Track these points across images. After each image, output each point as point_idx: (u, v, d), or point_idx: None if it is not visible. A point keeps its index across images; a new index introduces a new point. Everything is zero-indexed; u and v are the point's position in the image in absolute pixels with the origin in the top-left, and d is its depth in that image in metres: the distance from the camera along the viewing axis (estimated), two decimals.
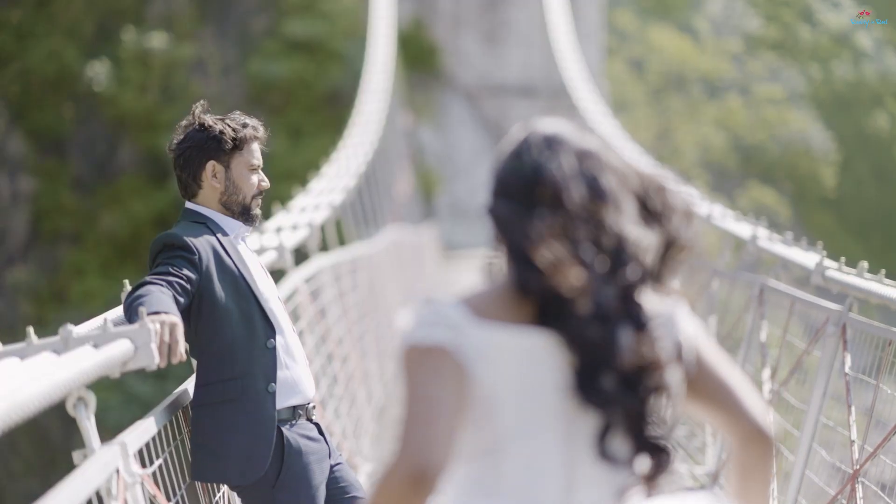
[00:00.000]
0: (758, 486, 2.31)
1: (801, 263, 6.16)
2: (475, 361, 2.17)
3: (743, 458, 2.29)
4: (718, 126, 45.74)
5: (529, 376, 2.19)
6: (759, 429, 2.26)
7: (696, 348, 2.27)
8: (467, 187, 37.22)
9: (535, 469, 2.20)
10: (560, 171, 2.22)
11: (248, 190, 4.11)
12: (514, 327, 2.19)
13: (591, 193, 2.21)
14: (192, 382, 3.96)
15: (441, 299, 2.23)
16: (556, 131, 2.30)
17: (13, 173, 32.12)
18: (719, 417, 2.28)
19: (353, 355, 9.23)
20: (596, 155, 2.26)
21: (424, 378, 2.14)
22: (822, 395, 5.47)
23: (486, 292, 2.26)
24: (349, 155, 14.23)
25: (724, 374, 2.28)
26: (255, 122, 4.21)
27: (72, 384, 2.81)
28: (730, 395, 2.27)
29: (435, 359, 2.15)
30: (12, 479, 25.92)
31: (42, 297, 30.65)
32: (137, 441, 3.16)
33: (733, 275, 7.67)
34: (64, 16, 33.04)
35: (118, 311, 3.65)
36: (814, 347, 5.73)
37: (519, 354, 2.19)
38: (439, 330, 2.18)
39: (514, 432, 2.20)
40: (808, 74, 49.00)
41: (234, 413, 3.87)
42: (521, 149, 2.30)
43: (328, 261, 8.86)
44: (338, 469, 4.11)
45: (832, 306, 5.54)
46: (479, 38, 39.10)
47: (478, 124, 38.70)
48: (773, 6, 50.86)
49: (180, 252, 3.85)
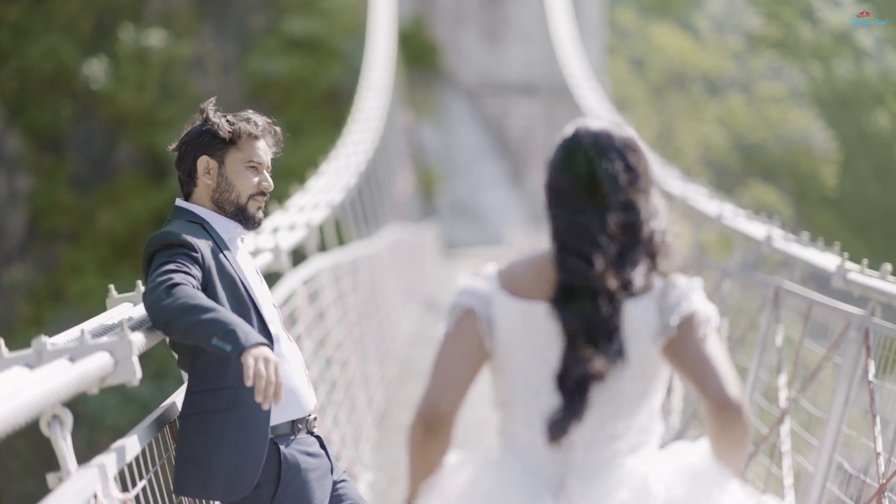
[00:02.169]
0: (727, 447, 2.63)
1: (820, 265, 5.91)
2: (497, 325, 2.66)
3: (712, 424, 2.63)
4: (719, 124, 45.60)
5: (532, 340, 2.65)
6: (722, 400, 2.59)
7: (692, 325, 2.64)
8: (468, 185, 37.05)
9: (535, 423, 2.63)
10: (611, 167, 2.67)
11: (244, 188, 3.85)
12: (522, 300, 2.66)
13: (631, 183, 2.67)
14: (180, 395, 3.70)
15: (485, 272, 2.71)
16: (602, 128, 2.72)
17: (10, 171, 31.97)
18: (694, 387, 2.63)
19: (353, 359, 9.01)
20: (632, 144, 2.72)
21: (451, 338, 2.66)
22: (843, 402, 5.22)
23: (518, 266, 2.70)
24: (349, 153, 14.04)
25: (708, 350, 2.63)
26: (262, 119, 3.95)
27: (45, 401, 2.57)
28: (705, 370, 2.61)
29: (464, 321, 2.67)
30: (11, 479, 25.78)
31: (39, 296, 30.51)
32: (118, 462, 2.91)
33: (746, 276, 7.42)
34: (61, 13, 32.86)
35: (97, 321, 3.39)
36: (833, 353, 5.49)
37: (523, 322, 2.65)
38: (474, 298, 2.68)
39: (522, 385, 2.66)
40: (809, 73, 48.90)
41: (222, 424, 3.62)
42: (572, 145, 2.72)
43: (327, 262, 8.64)
44: (341, 487, 3.85)
45: (854, 310, 5.30)
46: (479, 36, 38.91)
47: (478, 122, 38.52)
48: (773, 5, 50.75)
49: (183, 250, 3.62)
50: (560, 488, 2.62)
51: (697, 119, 45.52)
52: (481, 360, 2.67)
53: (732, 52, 48.29)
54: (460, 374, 2.63)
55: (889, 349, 5.03)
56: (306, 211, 8.55)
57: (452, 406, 2.62)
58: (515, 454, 2.66)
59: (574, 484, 2.61)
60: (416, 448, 2.65)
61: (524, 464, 2.64)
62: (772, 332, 6.44)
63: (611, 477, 2.62)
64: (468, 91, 38.70)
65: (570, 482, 2.62)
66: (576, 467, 2.63)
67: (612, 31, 46.59)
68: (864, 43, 50.04)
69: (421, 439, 2.62)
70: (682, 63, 46.85)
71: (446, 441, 2.64)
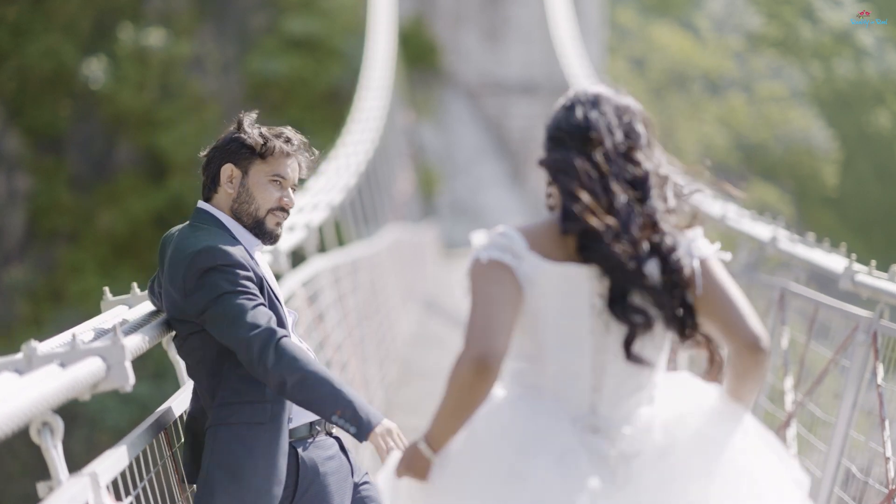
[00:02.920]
0: (747, 387, 2.78)
1: (827, 267, 5.82)
2: (527, 283, 2.74)
3: (736, 364, 2.76)
4: (720, 124, 45.54)
5: (567, 301, 2.75)
6: (752, 341, 2.74)
7: (709, 269, 2.80)
8: (468, 185, 36.98)
9: (569, 373, 2.76)
10: (604, 119, 2.81)
11: (264, 202, 3.77)
12: (557, 263, 2.75)
13: (627, 136, 2.81)
14: (176, 399, 3.61)
15: (504, 231, 2.77)
16: (599, 90, 2.88)
17: (10, 171, 31.92)
18: (721, 328, 2.76)
19: (353, 361, 8.93)
20: (632, 108, 2.87)
21: (488, 284, 2.72)
22: (851, 406, 5.14)
23: (539, 227, 2.80)
24: (349, 153, 13.95)
25: (728, 292, 2.78)
26: (298, 138, 3.88)
27: (35, 409, 2.49)
28: (731, 310, 2.75)
29: (499, 271, 2.73)
30: (10, 480, 25.73)
31: (39, 296, 30.46)
32: (111, 470, 2.83)
33: (751, 277, 7.34)
34: (61, 13, 32.79)
35: (90, 325, 3.31)
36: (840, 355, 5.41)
37: (559, 284, 2.74)
38: (506, 253, 2.74)
39: (554, 344, 2.76)
40: (810, 73, 48.83)
41: (257, 437, 3.59)
42: (570, 103, 2.87)
43: (327, 263, 8.56)
44: (364, 489, 3.80)
45: (862, 312, 5.21)
46: (479, 36, 38.85)
47: (478, 122, 38.46)
48: (774, 4, 50.70)
49: (237, 271, 3.58)
50: (597, 432, 2.74)
51: (698, 119, 45.47)
52: (519, 309, 2.73)
53: (733, 52, 48.23)
54: (507, 316, 2.69)
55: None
56: (306, 212, 8.47)
57: (504, 348, 2.66)
58: (546, 404, 2.76)
59: (609, 427, 2.75)
60: (462, 391, 2.65)
61: (558, 412, 2.74)
62: (777, 335, 6.36)
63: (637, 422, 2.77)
64: (468, 91, 38.63)
65: (604, 427, 2.75)
66: (603, 417, 2.75)
67: (613, 31, 46.53)
68: (865, 43, 49.97)
69: (471, 382, 2.64)
70: (682, 63, 46.80)
71: (492, 385, 2.68)
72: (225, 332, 3.54)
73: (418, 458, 2.73)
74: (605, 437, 2.73)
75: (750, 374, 2.75)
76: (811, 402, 5.75)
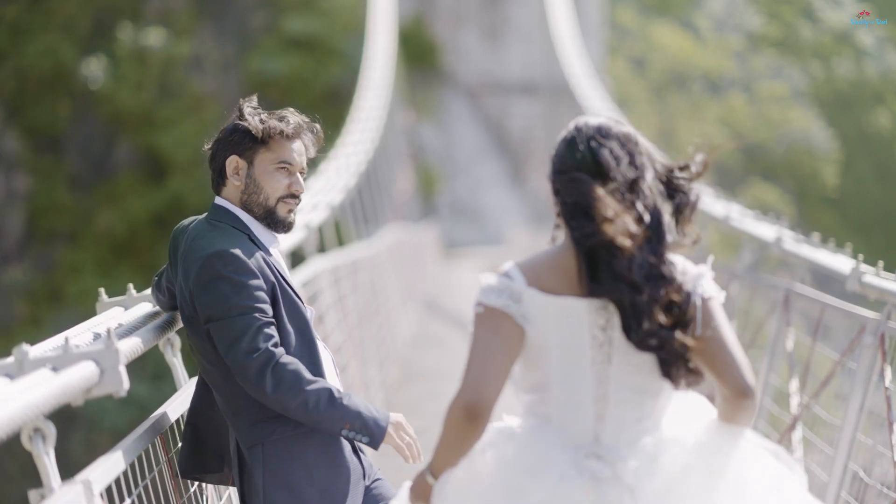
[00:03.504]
0: (737, 423, 2.84)
1: (834, 268, 5.74)
2: (528, 321, 2.82)
3: (725, 406, 2.83)
4: (720, 124, 45.49)
5: (567, 333, 2.82)
6: (741, 389, 2.79)
7: (709, 310, 2.82)
8: (468, 185, 36.93)
9: (573, 403, 2.83)
10: (609, 152, 2.83)
11: (273, 190, 3.66)
12: (555, 296, 2.81)
13: (632, 165, 2.83)
14: (172, 404, 3.53)
15: (508, 270, 2.84)
16: (600, 122, 2.90)
17: (8, 171, 31.87)
18: (712, 371, 2.81)
19: (353, 363, 8.87)
20: (632, 137, 2.89)
21: (486, 332, 2.81)
22: (858, 409, 5.06)
23: (541, 260, 2.86)
24: (348, 153, 13.88)
25: (724, 337, 2.82)
26: (299, 118, 3.80)
27: (26, 414, 2.41)
28: (725, 355, 2.80)
29: (496, 318, 2.81)
30: (8, 481, 25.69)
31: (37, 296, 30.41)
32: (105, 477, 2.75)
33: (754, 278, 7.26)
34: (60, 12, 32.74)
35: (84, 327, 3.23)
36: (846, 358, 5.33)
37: (558, 317, 2.81)
38: (503, 297, 2.82)
39: (557, 375, 2.84)
40: (810, 73, 48.80)
41: (305, 448, 3.54)
42: (572, 136, 2.89)
43: (326, 263, 8.49)
44: (375, 486, 3.72)
45: (869, 314, 5.14)
46: (479, 35, 38.80)
47: (478, 122, 38.41)
48: (774, 4, 50.66)
49: (249, 281, 3.48)
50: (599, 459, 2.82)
51: (698, 119, 45.41)
52: (517, 352, 2.84)
53: (733, 52, 48.19)
54: (499, 366, 2.80)
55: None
56: (305, 212, 8.39)
57: (493, 397, 2.80)
58: (551, 433, 2.86)
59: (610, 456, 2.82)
60: (455, 433, 2.82)
61: (562, 440, 2.84)
62: (782, 336, 6.29)
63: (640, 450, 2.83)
64: (468, 91, 38.58)
65: (606, 456, 2.82)
66: (606, 447, 2.83)
67: (613, 31, 46.48)
68: (865, 42, 49.93)
69: (462, 427, 2.79)
70: (682, 62, 46.75)
71: (484, 429, 2.83)
72: (224, 351, 3.47)
73: (425, 487, 2.89)
74: (608, 465, 2.81)
75: (737, 418, 2.83)
76: (817, 404, 5.68)
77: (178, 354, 3.95)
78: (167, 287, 3.75)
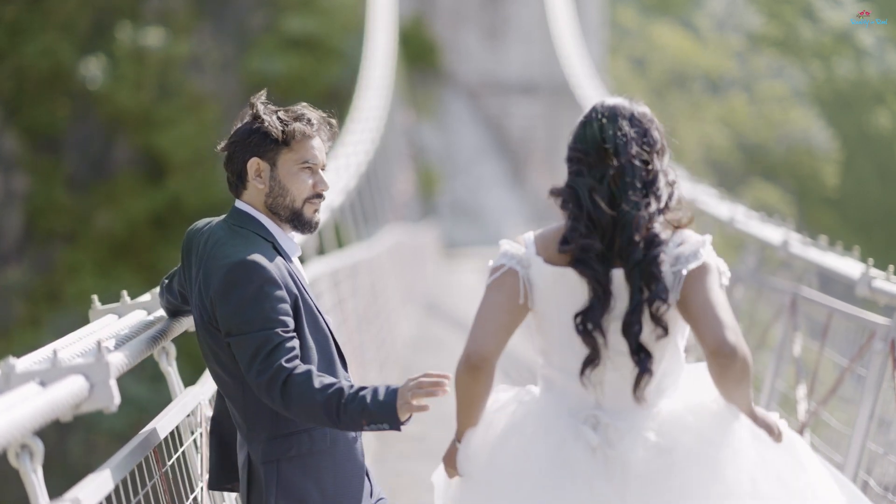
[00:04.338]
0: (727, 390, 2.91)
1: (843, 272, 5.63)
2: (534, 287, 3.02)
3: (710, 368, 2.91)
4: (721, 124, 45.42)
5: (565, 301, 2.98)
6: (716, 346, 2.85)
7: (697, 276, 2.92)
8: (468, 185, 36.84)
9: (572, 368, 2.97)
10: (620, 133, 3.01)
11: (299, 192, 3.54)
12: (556, 266, 3.00)
13: (643, 142, 3.02)
14: (164, 419, 3.41)
15: (525, 238, 3.06)
16: (615, 102, 3.10)
17: (7, 171, 31.78)
18: (694, 331, 2.92)
19: (353, 366, 8.76)
20: (647, 115, 3.08)
21: (492, 288, 3.02)
22: (868, 416, 4.96)
23: (550, 233, 3.05)
24: (348, 153, 13.79)
25: (708, 300, 2.90)
26: (317, 115, 3.68)
27: (13, 431, 2.31)
28: (705, 317, 2.88)
29: (503, 277, 3.02)
30: (7, 481, 25.55)
31: (36, 297, 30.31)
32: (95, 495, 2.65)
33: (760, 281, 7.15)
34: (59, 12, 32.65)
35: (75, 337, 3.13)
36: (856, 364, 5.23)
37: (557, 285, 2.99)
38: (514, 261, 3.03)
39: (557, 340, 3.01)
40: (810, 72, 48.73)
41: (320, 465, 3.44)
42: (587, 119, 3.07)
43: (326, 266, 8.39)
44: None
45: (879, 319, 5.03)
46: (479, 35, 38.70)
47: (478, 122, 38.32)
48: (774, 4, 50.60)
49: (274, 293, 3.36)
50: (595, 427, 2.94)
51: (698, 118, 45.34)
52: (521, 312, 3.01)
53: (733, 52, 48.12)
54: (501, 321, 2.99)
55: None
56: None
57: (494, 350, 2.97)
58: (554, 396, 3.02)
59: (607, 423, 2.92)
60: (462, 388, 3.00)
61: (563, 405, 2.98)
62: (788, 341, 6.18)
63: (638, 417, 2.93)
64: (468, 91, 38.49)
65: (604, 422, 2.93)
66: (607, 410, 2.95)
67: (613, 31, 46.38)
68: (865, 42, 49.86)
69: (466, 380, 2.98)
70: (682, 62, 46.68)
71: (488, 382, 3.00)
72: (245, 367, 3.36)
73: (452, 450, 3.09)
74: (604, 431, 2.93)
75: (723, 378, 2.89)
76: (825, 411, 5.58)
77: (173, 363, 3.84)
78: (179, 291, 3.64)
